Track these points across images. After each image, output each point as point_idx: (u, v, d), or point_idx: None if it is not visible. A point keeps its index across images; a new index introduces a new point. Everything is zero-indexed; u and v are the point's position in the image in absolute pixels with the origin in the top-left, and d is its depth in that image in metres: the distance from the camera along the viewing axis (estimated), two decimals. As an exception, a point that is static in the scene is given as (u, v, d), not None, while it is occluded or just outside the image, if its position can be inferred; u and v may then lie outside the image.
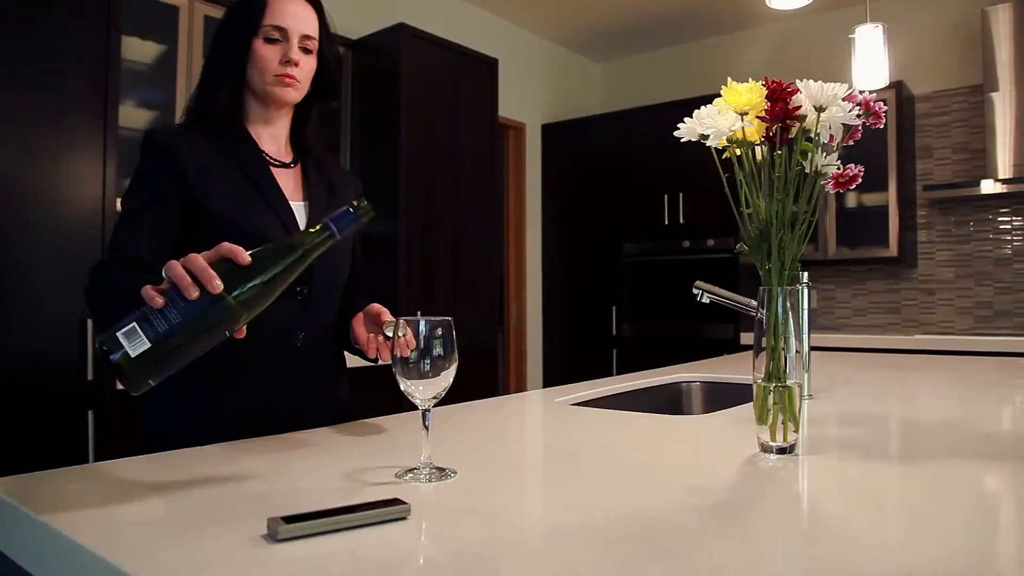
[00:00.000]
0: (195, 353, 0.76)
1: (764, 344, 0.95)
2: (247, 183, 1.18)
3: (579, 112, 5.05)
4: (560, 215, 4.89)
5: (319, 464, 0.94)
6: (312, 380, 1.23)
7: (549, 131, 4.93)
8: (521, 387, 4.75)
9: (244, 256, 0.77)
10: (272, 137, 1.26)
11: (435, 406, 0.89)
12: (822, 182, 0.94)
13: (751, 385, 1.89)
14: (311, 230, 0.84)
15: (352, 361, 1.30)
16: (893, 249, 3.83)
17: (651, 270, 4.45)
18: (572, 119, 4.89)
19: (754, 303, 1.65)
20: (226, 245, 0.77)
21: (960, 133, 3.93)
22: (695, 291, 1.63)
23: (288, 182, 1.25)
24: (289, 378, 1.20)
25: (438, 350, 0.87)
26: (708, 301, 1.63)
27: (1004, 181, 3.56)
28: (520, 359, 4.78)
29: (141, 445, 1.18)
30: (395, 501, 0.71)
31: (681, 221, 4.33)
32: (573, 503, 0.76)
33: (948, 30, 3.91)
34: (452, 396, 0.97)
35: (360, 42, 3.54)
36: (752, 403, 1.44)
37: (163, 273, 0.76)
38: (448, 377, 0.88)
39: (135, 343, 0.72)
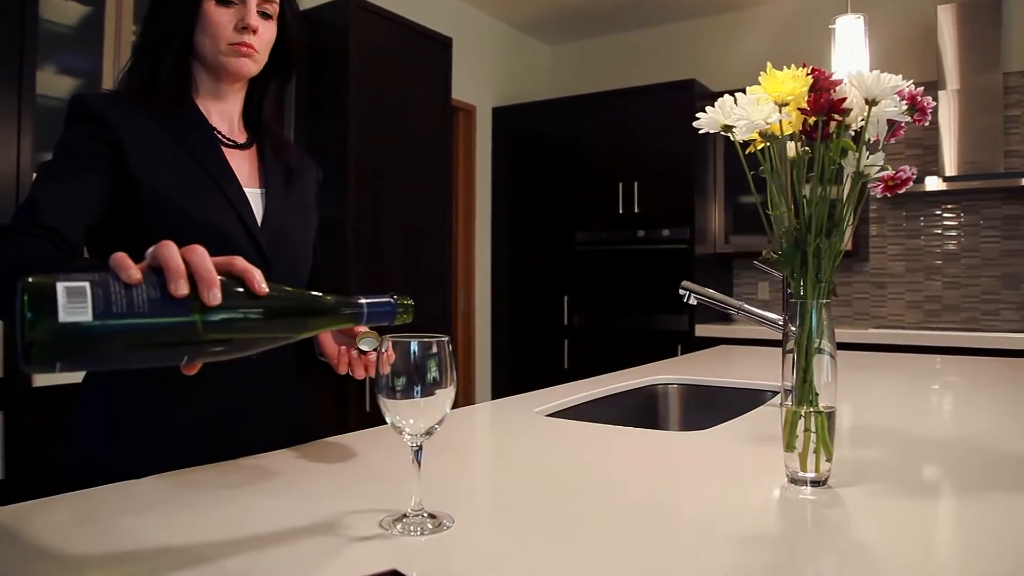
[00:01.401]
0: (128, 362, 0.57)
1: (783, 358, 0.86)
2: (195, 164, 1.01)
3: (527, 96, 4.90)
4: (510, 201, 4.75)
5: (286, 508, 0.79)
6: (270, 396, 1.07)
7: (500, 115, 4.77)
8: (469, 378, 4.62)
9: (261, 284, 0.60)
10: (223, 114, 1.09)
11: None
12: (870, 185, 0.84)
13: (728, 388, 1.84)
14: (343, 299, 0.67)
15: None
16: (847, 243, 3.83)
17: (604, 259, 4.37)
18: (525, 103, 4.74)
19: (746, 306, 1.56)
20: (242, 262, 0.60)
21: (914, 128, 3.96)
22: (681, 292, 1.53)
23: (242, 166, 1.08)
24: (244, 394, 1.04)
25: (433, 374, 0.73)
26: (695, 303, 1.53)
27: (947, 179, 3.61)
28: (469, 349, 4.64)
29: (64, 463, 1.01)
30: (393, 574, 0.57)
31: (636, 210, 4.25)
32: (603, 566, 0.63)
33: (906, 24, 3.92)
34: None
35: (306, 14, 3.32)
36: (748, 415, 1.37)
37: (148, 252, 0.57)
38: (444, 406, 0.74)
39: (75, 307, 0.53)
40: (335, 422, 2.85)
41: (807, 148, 0.87)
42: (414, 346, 0.72)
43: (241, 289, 0.59)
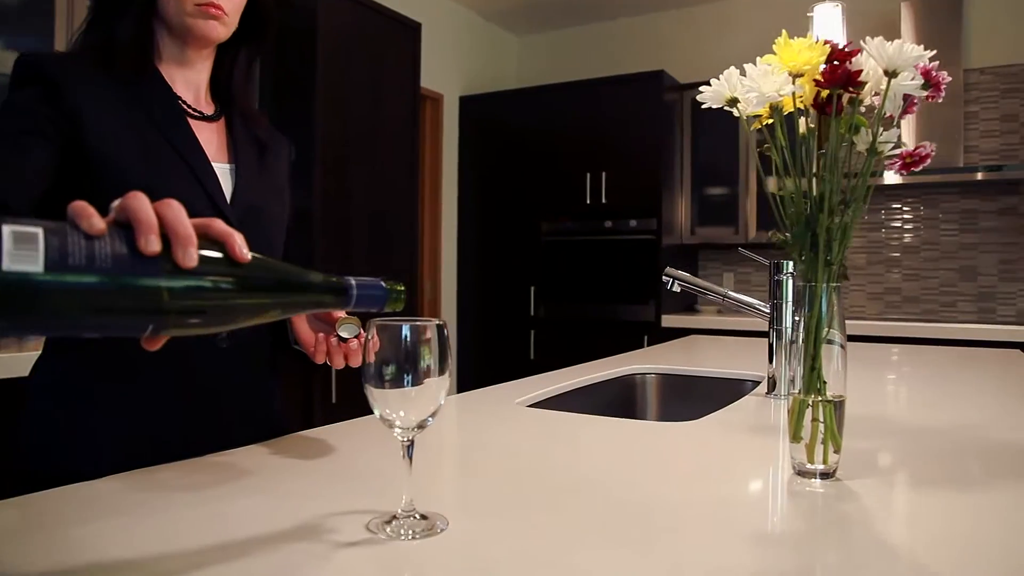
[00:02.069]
0: (81, 327, 0.47)
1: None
2: (158, 136, 0.92)
3: (494, 86, 4.83)
4: (477, 192, 4.68)
5: (260, 510, 0.72)
6: (239, 390, 0.99)
7: (467, 104, 4.68)
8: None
9: (243, 250, 0.52)
10: (188, 83, 1.00)
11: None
12: (887, 163, 0.80)
13: (706, 377, 1.81)
14: (332, 278, 0.60)
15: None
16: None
17: (571, 250, 4.33)
18: (493, 92, 4.67)
19: (731, 294, 1.53)
20: (222, 225, 0.52)
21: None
22: (665, 278, 1.48)
23: (210, 139, 1.00)
24: (210, 388, 0.96)
25: (427, 362, 0.67)
26: (679, 290, 1.48)
27: (908, 173, 3.64)
28: (434, 341, 4.56)
29: (11, 463, 0.92)
30: (395, 584, 0.51)
31: (603, 201, 4.22)
32: (614, 570, 0.58)
33: (869, 20, 3.95)
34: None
35: (269, -7, 3.18)
36: (735, 405, 1.34)
37: (115, 205, 0.48)
38: (439, 397, 0.68)
39: (23, 254, 0.43)
40: (301, 415, 2.75)
41: (813, 126, 0.83)
42: (406, 331, 0.66)
43: (220, 255, 0.52)
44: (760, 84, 0.78)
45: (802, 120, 0.82)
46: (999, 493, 0.79)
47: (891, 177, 3.65)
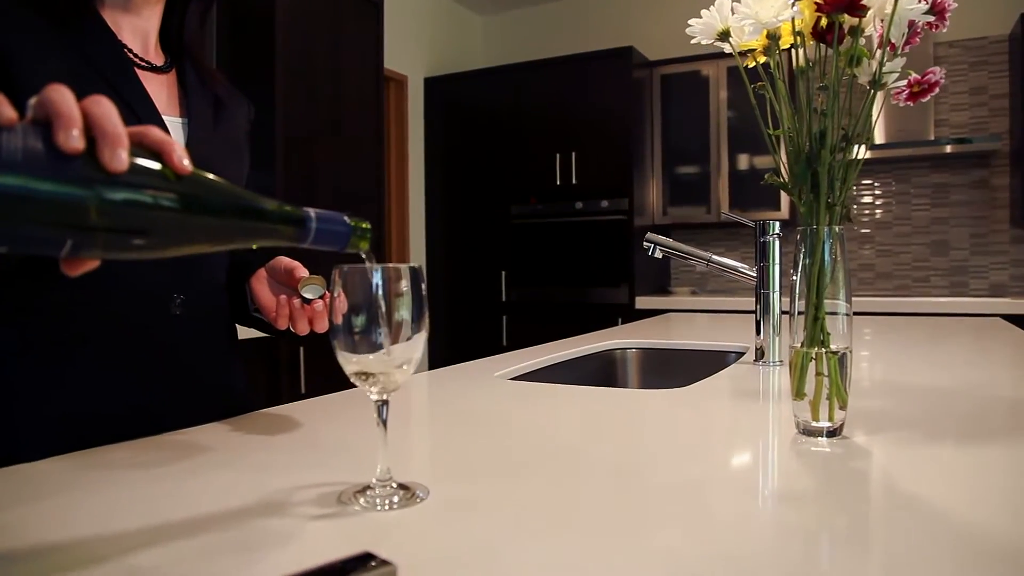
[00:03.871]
0: None
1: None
2: (102, 84, 0.83)
3: (460, 67, 4.73)
4: (445, 175, 4.59)
5: (222, 485, 0.64)
6: (195, 362, 0.91)
7: (432, 85, 4.59)
8: (407, 358, 4.45)
9: (183, 161, 0.44)
10: (136, 31, 0.91)
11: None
12: (892, 94, 0.74)
13: (687, 351, 1.76)
14: (287, 207, 0.52)
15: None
16: (784, 211, 3.85)
17: (542, 232, 4.26)
18: (458, 73, 4.57)
19: (715, 258, 1.48)
20: (158, 132, 0.44)
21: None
22: (646, 245, 1.43)
23: (159, 91, 0.91)
24: (164, 359, 0.87)
25: (402, 312, 0.60)
26: (661, 256, 1.43)
27: (878, 147, 3.64)
28: (406, 328, 4.47)
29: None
30: (367, 558, 0.44)
31: (574, 181, 4.16)
32: (620, 541, 0.52)
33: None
34: (336, 373, 0.68)
35: (224, -32, 3.06)
36: (722, 374, 1.28)
37: (32, 102, 0.41)
38: (415, 351, 0.61)
39: None
40: (266, 401, 2.65)
41: (812, 63, 0.78)
42: (378, 277, 0.59)
43: (156, 166, 0.44)
44: (757, 10, 0.72)
45: (799, 53, 0.76)
46: (1010, 446, 0.75)
47: (862, 151, 3.64)
